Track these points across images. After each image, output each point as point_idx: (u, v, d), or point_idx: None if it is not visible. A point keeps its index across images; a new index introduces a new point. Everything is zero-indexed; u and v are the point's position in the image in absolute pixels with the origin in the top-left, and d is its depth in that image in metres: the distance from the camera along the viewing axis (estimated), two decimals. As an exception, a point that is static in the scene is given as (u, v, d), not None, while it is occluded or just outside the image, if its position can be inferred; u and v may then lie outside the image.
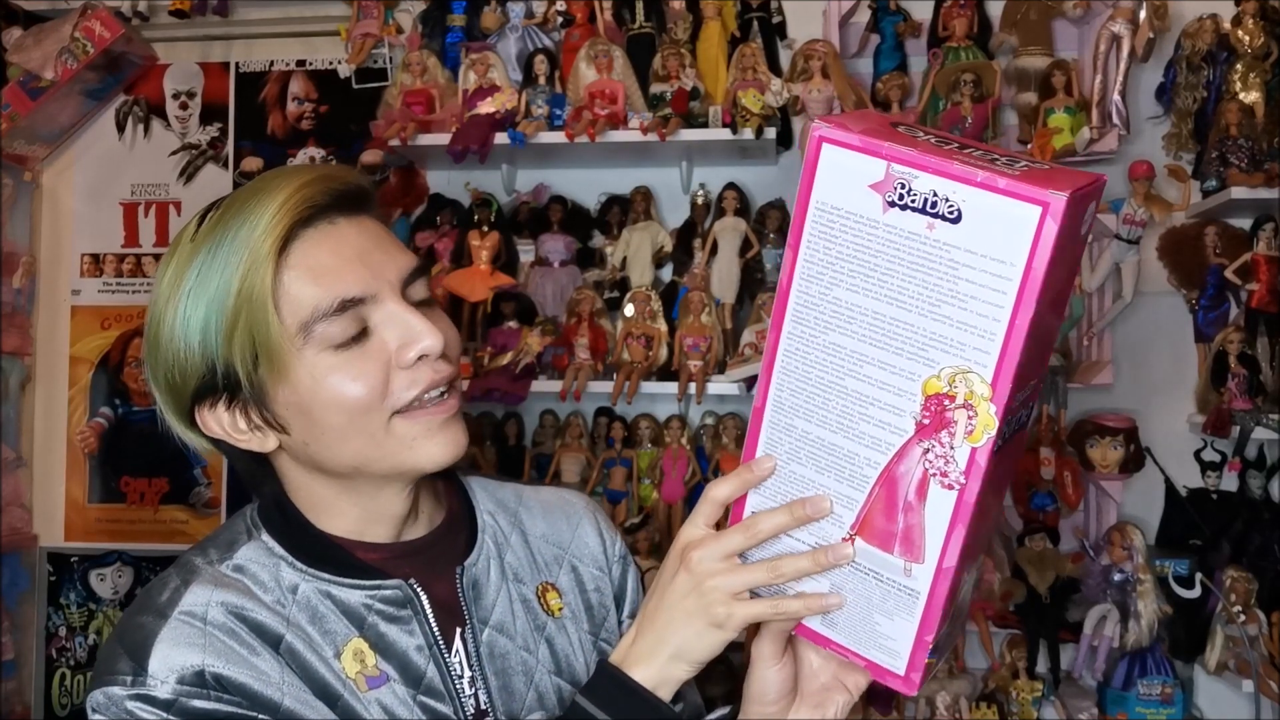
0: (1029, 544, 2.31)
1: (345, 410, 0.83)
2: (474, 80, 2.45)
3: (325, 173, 0.85)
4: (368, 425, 0.84)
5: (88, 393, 2.84)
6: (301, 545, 0.88)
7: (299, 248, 0.82)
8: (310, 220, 0.82)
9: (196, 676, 0.79)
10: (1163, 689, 2.20)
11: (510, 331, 2.44)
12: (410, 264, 0.87)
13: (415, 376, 0.84)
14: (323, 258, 0.82)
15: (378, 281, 0.84)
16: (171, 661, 0.79)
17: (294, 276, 0.81)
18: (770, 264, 2.40)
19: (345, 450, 0.85)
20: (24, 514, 2.78)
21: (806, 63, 2.35)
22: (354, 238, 0.84)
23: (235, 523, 0.92)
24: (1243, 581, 2.17)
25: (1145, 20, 2.27)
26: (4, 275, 2.71)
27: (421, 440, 0.85)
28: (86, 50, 2.64)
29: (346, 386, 0.82)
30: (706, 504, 0.84)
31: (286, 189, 0.82)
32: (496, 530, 0.99)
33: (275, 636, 0.83)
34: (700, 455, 2.44)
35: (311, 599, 0.86)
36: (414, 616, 0.88)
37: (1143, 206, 2.27)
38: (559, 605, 0.99)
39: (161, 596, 0.83)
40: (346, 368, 0.82)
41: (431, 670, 0.88)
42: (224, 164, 2.81)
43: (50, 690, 2.81)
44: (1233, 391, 2.22)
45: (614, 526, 1.09)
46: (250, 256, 0.80)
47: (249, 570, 0.86)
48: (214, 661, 0.80)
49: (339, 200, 0.84)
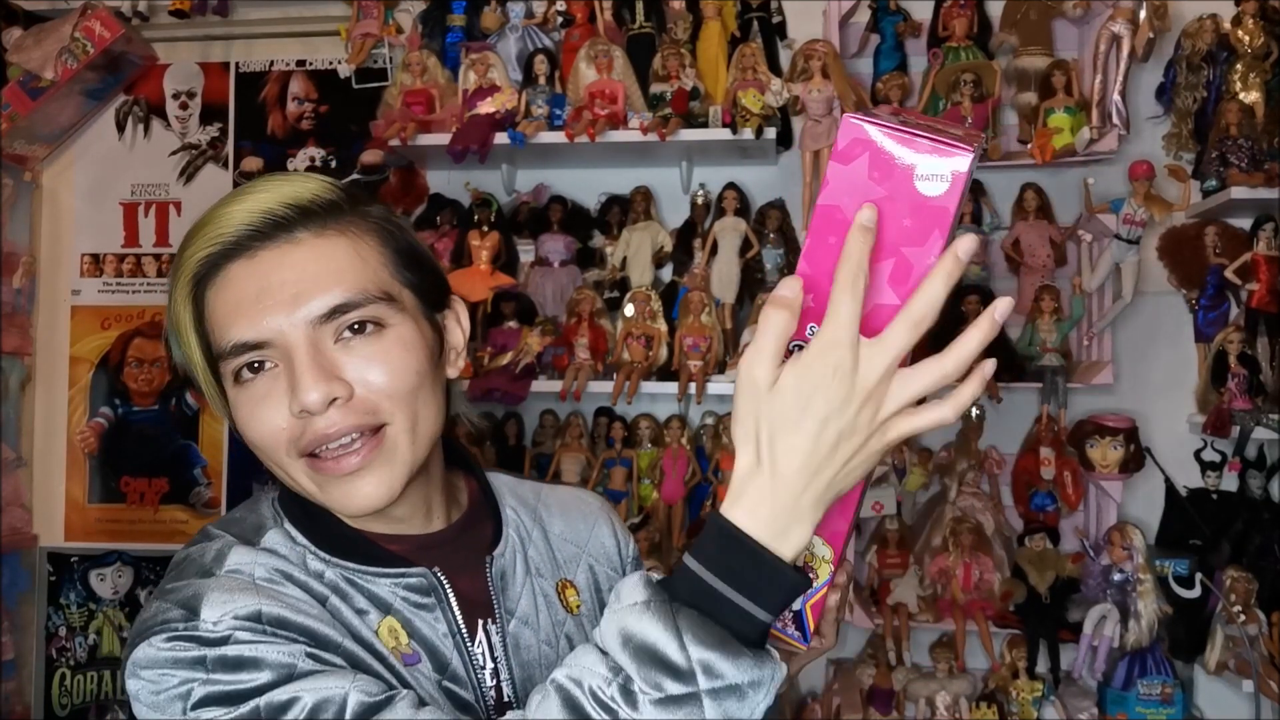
0: (1029, 544, 2.31)
1: (255, 444, 0.84)
2: (474, 80, 2.45)
3: (265, 198, 0.83)
4: (282, 463, 0.84)
5: (88, 393, 2.84)
6: (324, 536, 0.87)
7: (212, 287, 0.84)
8: (231, 254, 0.83)
9: (253, 615, 0.76)
10: (1163, 689, 2.20)
11: (510, 331, 2.44)
12: (332, 300, 0.81)
13: (305, 426, 0.81)
14: (227, 297, 0.83)
15: (276, 323, 0.81)
16: (226, 606, 0.76)
17: (210, 312, 0.84)
18: (770, 264, 2.40)
19: (283, 480, 0.86)
20: (24, 514, 2.78)
21: (806, 63, 2.34)
22: (265, 274, 0.82)
23: (260, 508, 0.90)
24: (1243, 581, 2.17)
25: (1145, 20, 2.27)
26: (4, 275, 2.71)
27: (326, 488, 0.84)
28: (86, 50, 2.64)
29: (247, 424, 0.84)
30: (849, 298, 0.68)
31: (211, 224, 0.84)
32: (520, 524, 0.99)
33: (321, 596, 0.83)
34: (700, 455, 2.44)
35: (340, 585, 0.85)
36: (438, 605, 0.88)
37: (1143, 206, 2.27)
38: (577, 603, 0.99)
39: (205, 558, 0.83)
40: (249, 406, 0.83)
41: (456, 660, 0.87)
42: (224, 164, 2.81)
43: (50, 690, 2.81)
44: (1233, 391, 2.22)
45: (627, 529, 1.10)
46: (177, 292, 0.85)
47: (280, 552, 0.85)
48: (270, 604, 0.78)
49: (273, 224, 0.82)
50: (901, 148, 0.68)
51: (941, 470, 2.40)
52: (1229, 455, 2.30)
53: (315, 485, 0.83)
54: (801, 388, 0.68)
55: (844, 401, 0.67)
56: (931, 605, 2.32)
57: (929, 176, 0.67)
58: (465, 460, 1.01)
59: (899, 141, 0.68)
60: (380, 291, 0.84)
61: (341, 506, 0.84)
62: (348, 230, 0.85)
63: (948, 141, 0.67)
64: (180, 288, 0.85)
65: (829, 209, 0.70)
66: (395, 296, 0.85)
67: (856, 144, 0.69)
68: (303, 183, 0.85)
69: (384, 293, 0.84)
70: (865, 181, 0.69)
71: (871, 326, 0.68)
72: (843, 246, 0.68)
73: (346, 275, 0.82)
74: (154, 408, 2.81)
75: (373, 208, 0.89)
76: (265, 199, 0.83)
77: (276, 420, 0.82)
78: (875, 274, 0.69)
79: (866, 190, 0.68)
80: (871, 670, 2.35)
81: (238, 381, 0.83)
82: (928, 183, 0.68)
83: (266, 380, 0.82)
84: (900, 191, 0.68)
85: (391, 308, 0.84)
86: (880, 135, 0.68)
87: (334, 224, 0.84)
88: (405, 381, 0.83)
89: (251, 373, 0.82)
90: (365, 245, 0.85)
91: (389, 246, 0.87)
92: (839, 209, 0.70)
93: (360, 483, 0.83)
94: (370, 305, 0.83)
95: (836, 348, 0.67)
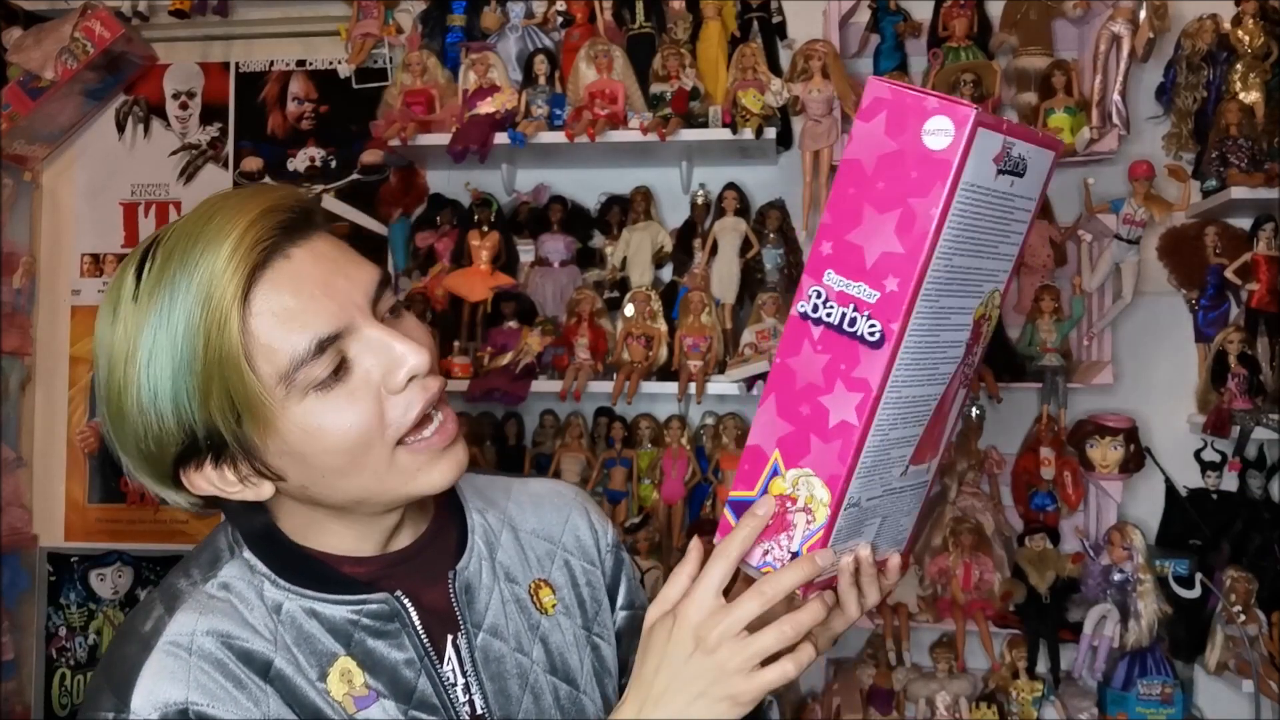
0: (1029, 544, 2.31)
1: (344, 450, 0.80)
2: (474, 80, 2.45)
3: (267, 204, 0.79)
4: (370, 461, 0.81)
5: (88, 393, 2.84)
6: (284, 562, 0.86)
7: (260, 294, 0.77)
8: (266, 262, 0.77)
9: (180, 714, 0.76)
10: (1163, 689, 2.20)
11: (510, 331, 2.44)
12: (373, 278, 0.82)
13: (409, 399, 0.81)
14: (286, 300, 0.77)
15: (347, 310, 0.79)
16: (155, 697, 0.76)
17: (263, 326, 0.76)
18: (770, 264, 2.40)
19: (349, 487, 0.83)
20: (24, 514, 2.78)
21: (806, 63, 2.34)
22: (311, 268, 0.79)
23: (216, 539, 0.89)
24: (1243, 581, 2.17)
25: (1145, 20, 2.27)
26: (4, 275, 2.71)
27: (425, 469, 0.84)
28: (86, 50, 2.64)
29: (341, 427, 0.79)
30: (721, 566, 0.80)
31: (232, 233, 0.76)
32: (487, 529, 0.98)
33: (264, 662, 0.81)
34: (700, 455, 2.44)
35: (297, 617, 0.84)
36: (402, 630, 0.86)
37: (1143, 206, 2.27)
38: (552, 602, 0.98)
39: (145, 626, 0.81)
40: (336, 407, 0.79)
41: (423, 683, 0.86)
42: (224, 164, 2.81)
43: (50, 690, 2.81)
44: (1233, 391, 2.22)
45: (605, 515, 1.08)
46: (210, 314, 0.75)
47: (235, 588, 0.84)
48: (198, 698, 0.77)
49: (286, 230, 0.79)
50: (913, 105, 0.74)
51: (941, 470, 2.39)
52: (1229, 455, 2.30)
53: (411, 471, 0.83)
54: (657, 633, 0.81)
55: (684, 655, 0.79)
56: (931, 605, 2.32)
57: (935, 131, 0.73)
58: None
59: (912, 100, 0.74)
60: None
61: (442, 478, 0.84)
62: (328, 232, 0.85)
63: (955, 101, 0.73)
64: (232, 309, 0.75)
65: (851, 163, 0.76)
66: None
67: (877, 103, 0.75)
68: (273, 190, 0.84)
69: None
70: (881, 137, 0.75)
71: (879, 274, 0.75)
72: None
73: (362, 261, 0.84)
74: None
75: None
76: (266, 206, 0.79)
77: (373, 408, 0.80)
78: (882, 223, 0.75)
79: (881, 144, 0.75)
80: (871, 670, 2.35)
81: (322, 387, 0.78)
82: (933, 137, 0.73)
83: (350, 382, 0.80)
84: (909, 145, 0.74)
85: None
86: (896, 94, 0.75)
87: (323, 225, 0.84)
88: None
89: (336, 378, 0.79)
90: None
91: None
92: (859, 162, 0.76)
93: (457, 450, 0.85)
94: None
95: (692, 604, 0.80)
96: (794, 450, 0.79)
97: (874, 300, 0.75)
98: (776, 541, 0.81)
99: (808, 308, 0.77)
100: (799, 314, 0.78)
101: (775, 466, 0.80)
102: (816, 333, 0.77)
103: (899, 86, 0.75)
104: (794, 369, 0.78)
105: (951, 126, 0.72)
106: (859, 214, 0.75)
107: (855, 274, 0.76)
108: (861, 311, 0.75)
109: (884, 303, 0.75)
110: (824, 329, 0.77)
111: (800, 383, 0.78)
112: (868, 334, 0.75)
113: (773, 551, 0.81)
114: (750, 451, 0.82)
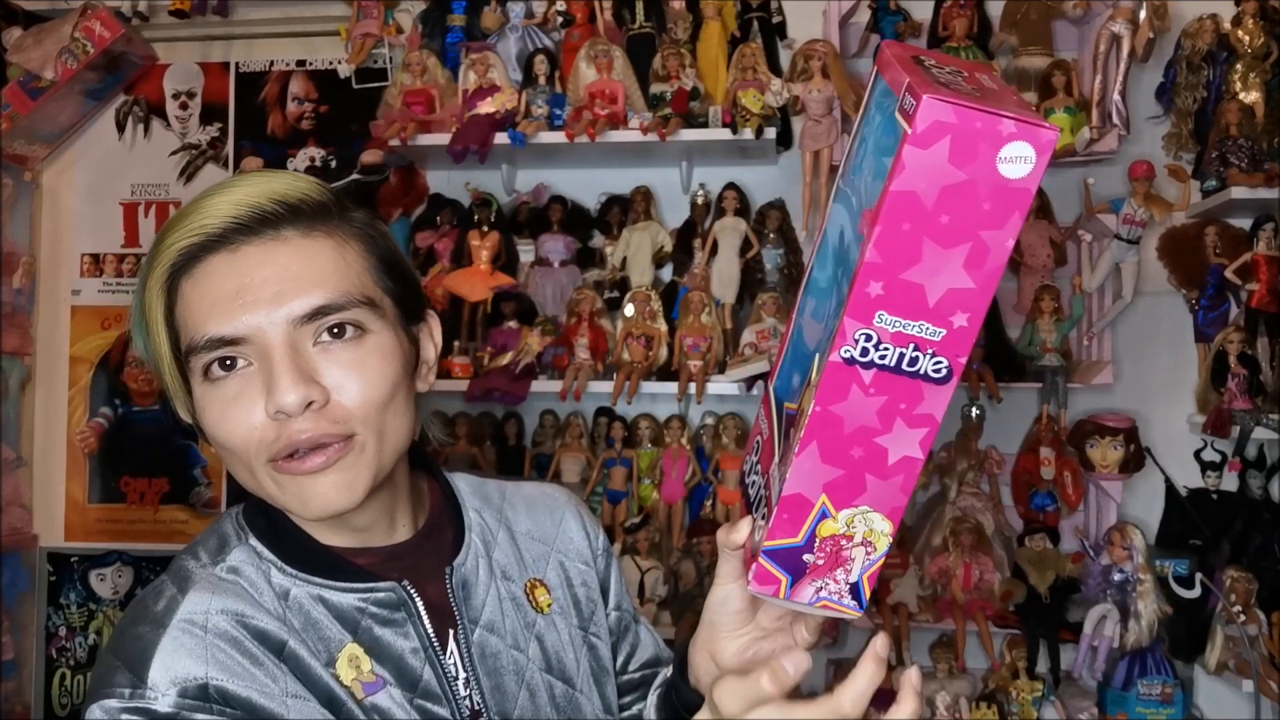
0: (1029, 544, 2.31)
1: (221, 445, 0.82)
2: (474, 80, 2.45)
3: (253, 192, 0.81)
4: (247, 467, 0.82)
5: (88, 393, 2.84)
6: (290, 551, 0.86)
7: (189, 278, 0.81)
8: (212, 246, 0.80)
9: (199, 690, 0.76)
10: (1163, 689, 2.20)
11: (510, 331, 2.44)
12: (311, 304, 0.80)
13: (279, 430, 0.79)
14: (205, 290, 0.80)
15: (254, 321, 0.79)
16: (173, 672, 0.76)
17: (184, 304, 0.81)
18: (770, 264, 2.40)
19: (257, 490, 0.83)
20: (24, 514, 2.78)
21: (806, 63, 2.34)
22: (247, 270, 0.80)
23: (223, 524, 0.89)
24: (1243, 581, 2.18)
25: (1145, 20, 2.27)
26: (4, 275, 2.71)
27: (291, 489, 0.81)
28: (86, 50, 2.64)
29: (217, 425, 0.81)
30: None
31: (194, 214, 0.81)
32: (484, 528, 0.98)
33: (279, 642, 0.81)
34: (700, 455, 2.44)
35: (304, 603, 0.84)
36: (408, 619, 0.87)
37: (1143, 206, 2.27)
38: (548, 602, 0.98)
39: (158, 605, 0.81)
40: (219, 406, 0.80)
41: (427, 673, 0.86)
42: (224, 164, 2.81)
43: (50, 690, 2.81)
44: (1233, 391, 2.22)
45: (595, 519, 1.09)
46: (151, 280, 0.82)
47: (243, 572, 0.84)
48: (217, 674, 0.77)
49: (259, 219, 0.80)
50: (985, 130, 0.66)
51: (941, 470, 2.40)
52: (1229, 455, 2.30)
53: (276, 486, 0.81)
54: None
55: None
56: (931, 605, 2.32)
57: (1012, 159, 0.66)
58: (426, 464, 0.99)
59: (984, 124, 0.65)
60: (363, 296, 0.82)
61: (300, 507, 0.82)
62: (334, 233, 0.83)
63: (1031, 121, 0.65)
64: (155, 276, 0.82)
65: (905, 195, 0.67)
66: (377, 303, 0.83)
67: (937, 127, 0.66)
68: (292, 180, 0.84)
69: (366, 298, 0.82)
70: (945, 166, 0.66)
71: (945, 311, 0.68)
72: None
73: (330, 278, 0.81)
74: (154, 408, 2.81)
75: (357, 213, 0.87)
76: (253, 193, 0.81)
77: (249, 421, 0.79)
78: (949, 259, 0.68)
79: (946, 175, 0.66)
80: (871, 670, 2.35)
81: (208, 378, 0.80)
82: (1010, 165, 0.66)
83: (239, 380, 0.80)
84: (981, 174, 0.66)
85: (373, 314, 0.82)
86: (962, 116, 0.66)
87: (320, 225, 0.83)
88: (380, 392, 0.81)
89: (223, 370, 0.80)
90: (350, 250, 0.84)
91: (372, 253, 0.85)
92: (916, 195, 0.67)
93: (322, 483, 0.80)
94: (352, 309, 0.81)
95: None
96: (846, 493, 0.75)
97: (939, 338, 0.70)
98: (832, 577, 0.76)
99: (854, 352, 0.71)
100: (842, 360, 0.71)
101: (824, 510, 0.75)
102: (868, 376, 0.71)
103: (963, 106, 0.65)
104: (840, 415, 0.73)
105: (1033, 153, 0.65)
106: (917, 251, 0.68)
107: (914, 314, 0.69)
108: (924, 350, 0.70)
109: (951, 339, 0.69)
110: (877, 371, 0.71)
111: (849, 427, 0.73)
112: (932, 371, 0.71)
113: (828, 587, 0.77)
114: (790, 500, 0.76)
